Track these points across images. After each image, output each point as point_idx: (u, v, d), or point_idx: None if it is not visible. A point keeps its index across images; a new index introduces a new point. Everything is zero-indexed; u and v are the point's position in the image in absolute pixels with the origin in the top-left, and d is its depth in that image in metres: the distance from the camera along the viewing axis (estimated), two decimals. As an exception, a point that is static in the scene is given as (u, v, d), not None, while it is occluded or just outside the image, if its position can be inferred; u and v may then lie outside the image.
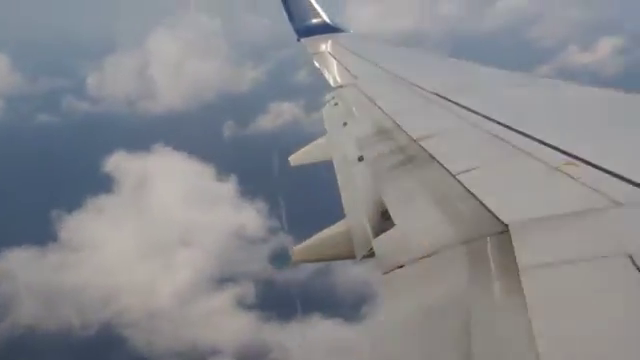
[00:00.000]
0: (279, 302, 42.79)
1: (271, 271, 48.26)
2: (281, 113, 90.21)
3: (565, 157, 3.43)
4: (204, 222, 55.50)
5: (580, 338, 1.88)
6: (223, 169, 64.78)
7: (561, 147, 3.62)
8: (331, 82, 10.11)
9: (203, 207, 58.94)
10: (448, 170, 3.75)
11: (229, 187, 63.47)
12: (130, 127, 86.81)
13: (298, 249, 4.64)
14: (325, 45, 14.43)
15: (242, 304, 44.99)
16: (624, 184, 2.90)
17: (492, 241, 2.67)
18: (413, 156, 4.37)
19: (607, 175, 3.05)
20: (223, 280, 47.60)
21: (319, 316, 40.44)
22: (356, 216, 4.01)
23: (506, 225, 2.73)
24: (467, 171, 3.60)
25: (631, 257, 2.18)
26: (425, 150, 4.36)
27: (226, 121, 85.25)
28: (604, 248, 2.31)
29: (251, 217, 57.16)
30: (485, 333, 2.09)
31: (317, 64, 12.34)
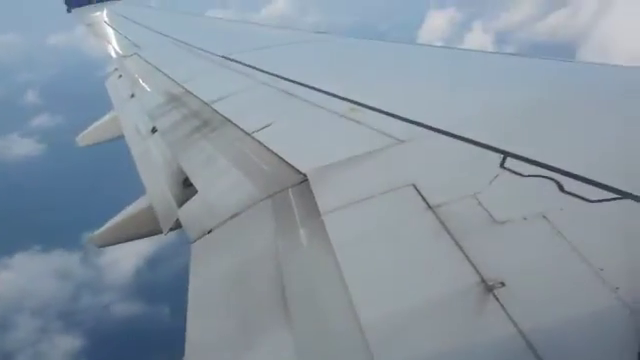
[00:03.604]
0: None
1: None
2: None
3: (349, 105, 3.63)
4: None
5: (382, 266, 2.03)
6: None
7: (346, 96, 3.82)
8: (112, 53, 9.45)
9: None
10: (243, 130, 3.75)
11: None
12: None
13: (97, 234, 4.34)
14: (100, 15, 13.40)
15: None
16: (404, 123, 3.15)
17: (293, 192, 2.74)
18: (208, 120, 4.29)
19: (388, 117, 3.29)
20: None
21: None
22: (157, 189, 3.83)
23: (304, 174, 2.82)
24: (262, 128, 3.63)
25: (414, 186, 2.40)
26: (219, 113, 4.30)
27: None
28: (392, 182, 2.50)
29: None
30: (297, 280, 2.14)
31: (94, 35, 11.42)
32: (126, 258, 43.61)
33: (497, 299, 1.66)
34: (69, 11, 15.77)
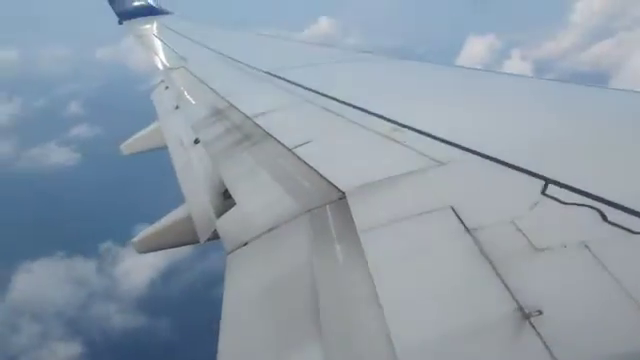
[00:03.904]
0: None
1: None
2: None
3: (391, 125, 3.64)
4: None
5: (417, 288, 2.02)
6: None
7: (387, 116, 3.84)
8: (159, 65, 9.71)
9: None
10: (284, 145, 3.79)
11: None
12: None
13: (138, 240, 4.43)
14: (150, 27, 13.80)
15: None
16: (445, 145, 3.15)
17: (331, 209, 2.75)
18: (249, 134, 4.36)
19: (429, 138, 3.29)
20: None
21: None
22: (196, 199, 3.91)
23: (343, 192, 2.83)
24: (303, 144, 3.67)
25: (453, 208, 2.38)
26: (261, 127, 4.36)
27: None
28: (430, 203, 2.49)
29: None
30: (331, 298, 2.14)
31: (143, 47, 11.77)
32: (142, 270, 43.82)
33: (534, 327, 1.63)
34: (120, 23, 16.29)
